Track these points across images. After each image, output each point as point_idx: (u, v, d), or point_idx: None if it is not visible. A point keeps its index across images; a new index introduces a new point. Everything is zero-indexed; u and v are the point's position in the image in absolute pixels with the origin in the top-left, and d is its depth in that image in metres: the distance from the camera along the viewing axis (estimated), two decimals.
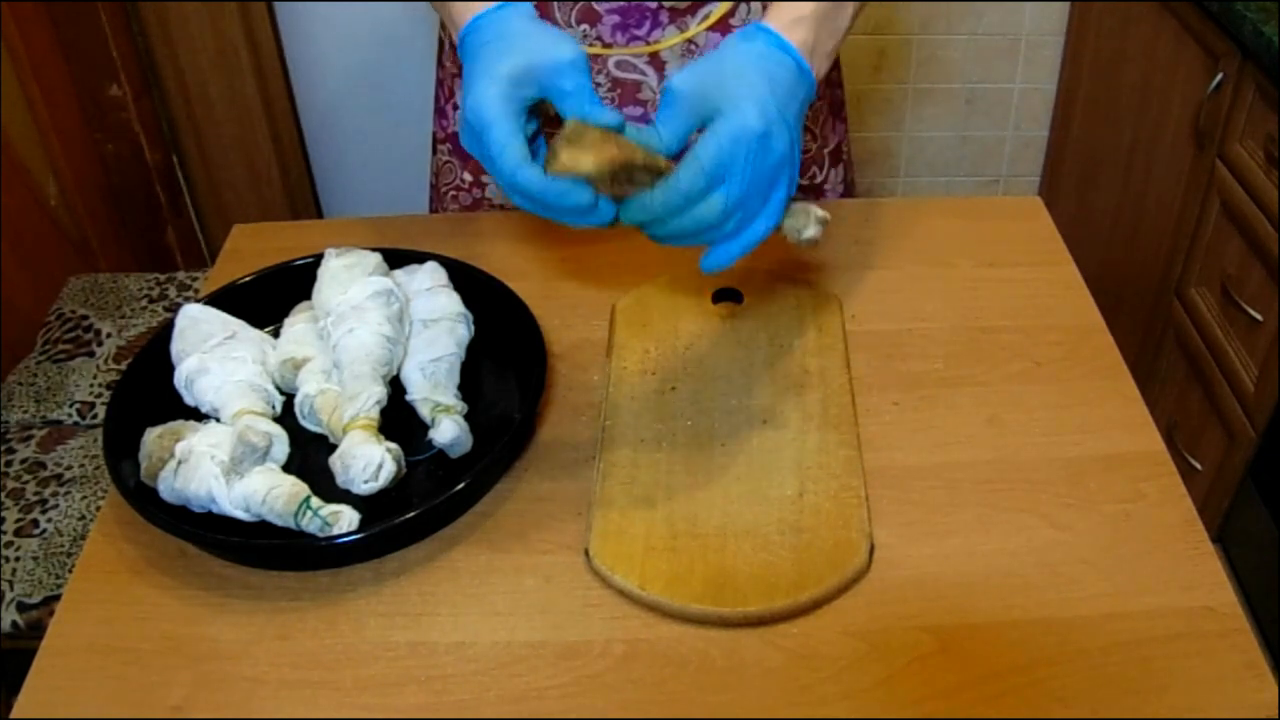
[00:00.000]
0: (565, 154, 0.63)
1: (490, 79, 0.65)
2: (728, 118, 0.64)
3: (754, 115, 0.63)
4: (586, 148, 0.64)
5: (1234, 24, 1.46)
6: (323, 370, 0.79)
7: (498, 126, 0.64)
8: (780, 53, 0.68)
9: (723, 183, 0.64)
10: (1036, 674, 0.63)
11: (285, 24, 2.09)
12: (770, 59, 0.68)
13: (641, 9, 0.92)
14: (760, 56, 0.68)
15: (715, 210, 0.64)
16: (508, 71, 0.65)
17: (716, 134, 0.63)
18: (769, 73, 0.67)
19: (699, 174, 0.63)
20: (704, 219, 0.64)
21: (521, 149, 0.64)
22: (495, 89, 0.65)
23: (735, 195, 0.64)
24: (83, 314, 1.61)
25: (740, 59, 0.67)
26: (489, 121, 0.65)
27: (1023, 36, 2.18)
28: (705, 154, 0.63)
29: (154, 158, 2.06)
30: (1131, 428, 0.79)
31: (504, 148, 0.64)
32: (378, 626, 0.68)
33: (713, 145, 0.63)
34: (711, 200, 0.64)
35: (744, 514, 0.72)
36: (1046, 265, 0.95)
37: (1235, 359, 1.53)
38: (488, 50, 0.68)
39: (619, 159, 0.63)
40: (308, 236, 1.02)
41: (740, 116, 0.63)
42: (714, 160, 0.63)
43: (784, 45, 0.69)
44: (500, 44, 0.67)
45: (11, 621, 1.22)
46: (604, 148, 0.64)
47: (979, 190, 2.43)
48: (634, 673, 0.65)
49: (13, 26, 1.70)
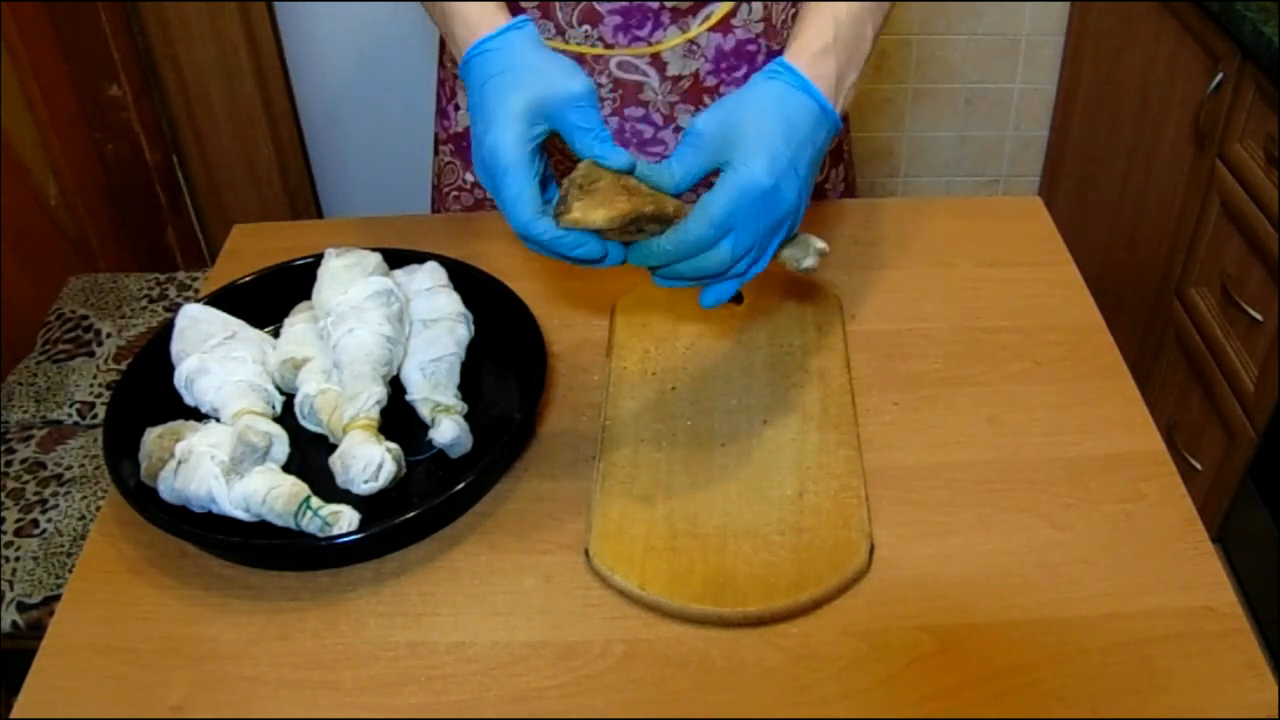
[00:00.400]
0: (577, 208, 0.64)
1: (506, 120, 0.66)
2: (738, 171, 0.65)
3: (763, 171, 0.65)
4: (598, 200, 0.65)
5: (1234, 24, 1.46)
6: (323, 370, 0.79)
7: (513, 175, 0.65)
8: (802, 95, 0.68)
9: (729, 233, 0.65)
10: (1036, 674, 0.63)
11: (285, 24, 2.09)
12: (790, 102, 0.68)
13: (643, 9, 0.92)
14: (780, 101, 0.68)
15: (722, 258, 0.66)
16: (522, 109, 0.66)
17: (726, 188, 0.65)
18: (787, 118, 0.67)
19: (708, 226, 0.64)
20: (709, 266, 0.66)
21: (535, 201, 0.66)
22: (512, 132, 0.65)
23: (742, 245, 0.66)
24: (83, 314, 1.61)
25: (761, 103, 0.68)
26: (505, 168, 0.65)
27: (1023, 36, 2.18)
28: (715, 208, 0.64)
29: (154, 158, 2.06)
30: (1131, 428, 0.79)
31: (518, 199, 0.65)
32: (378, 626, 0.68)
33: (722, 199, 0.64)
34: (719, 250, 0.65)
35: (744, 514, 0.72)
36: (1046, 265, 0.95)
37: (1235, 359, 1.53)
38: (498, 84, 0.68)
39: (629, 212, 0.65)
40: (308, 236, 1.02)
41: (750, 172, 0.65)
42: (723, 213, 0.64)
43: (806, 86, 0.69)
44: (510, 77, 0.67)
45: (11, 621, 1.22)
46: (615, 200, 0.65)
47: (979, 190, 2.43)
48: (634, 673, 0.65)
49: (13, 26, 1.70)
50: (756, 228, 0.65)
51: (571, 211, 0.64)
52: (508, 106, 0.66)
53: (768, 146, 0.65)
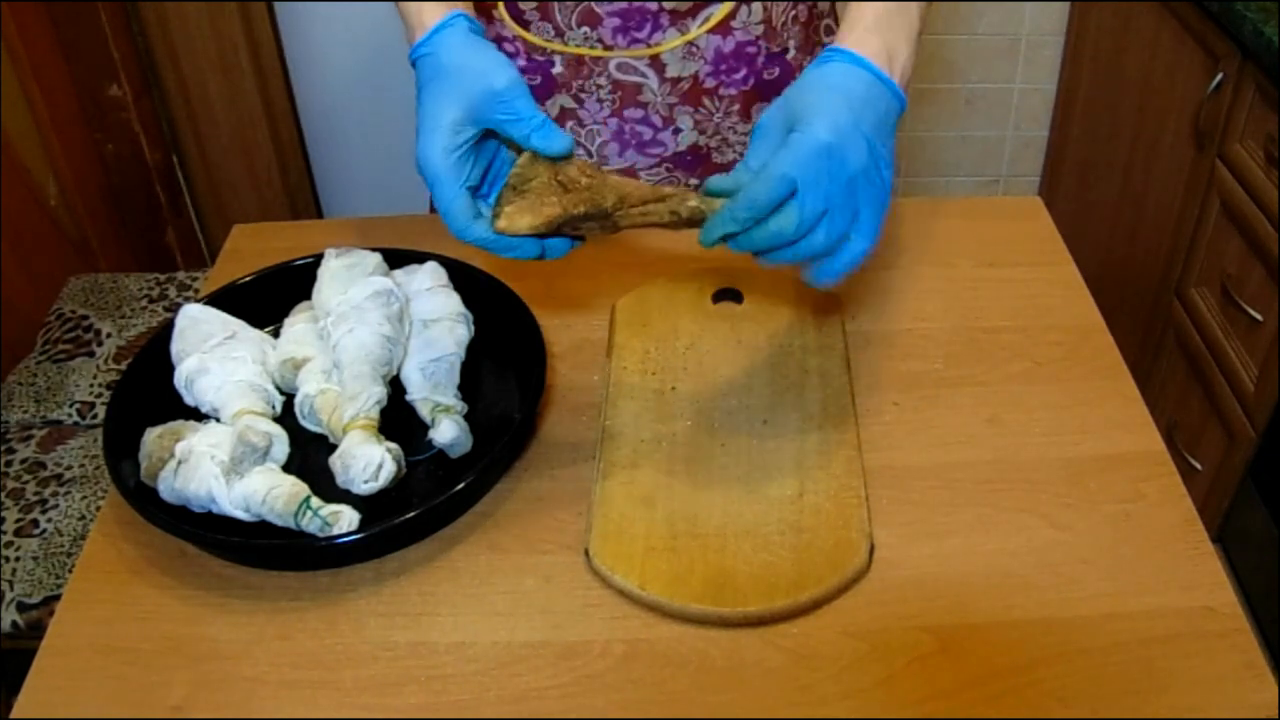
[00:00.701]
0: (505, 215, 0.65)
1: (431, 130, 0.67)
2: (800, 132, 0.64)
3: (822, 128, 0.64)
4: (528, 204, 0.65)
5: (1234, 24, 1.46)
6: (323, 370, 0.79)
7: (441, 185, 0.67)
8: (855, 68, 0.68)
9: (794, 194, 0.64)
10: (1036, 674, 0.63)
11: (285, 24, 2.09)
12: (845, 75, 0.68)
13: (643, 11, 0.92)
14: (834, 76, 0.68)
15: (792, 221, 0.64)
16: (448, 121, 0.67)
17: (786, 146, 0.64)
18: (844, 88, 0.67)
19: (769, 182, 0.63)
20: (782, 231, 0.65)
21: (466, 208, 0.67)
22: (438, 141, 0.67)
23: (810, 206, 0.64)
24: (83, 314, 1.61)
25: (817, 83, 0.68)
26: (433, 179, 0.67)
27: (1023, 36, 2.18)
28: (776, 165, 0.64)
29: (154, 158, 2.06)
30: (1131, 428, 0.79)
31: (449, 206, 0.67)
32: (378, 626, 0.68)
33: (783, 156, 0.64)
34: (787, 212, 0.64)
35: (744, 514, 0.72)
36: (1046, 265, 0.95)
37: (1235, 359, 1.53)
38: (428, 93, 0.69)
39: (558, 216, 0.65)
40: (308, 236, 1.02)
41: (809, 130, 0.64)
42: (782, 168, 0.63)
43: (858, 60, 0.69)
44: (437, 84, 0.69)
45: (11, 621, 1.22)
46: (545, 203, 0.65)
47: (979, 190, 2.43)
48: (634, 673, 0.65)
49: (13, 26, 1.70)
50: (825, 187, 0.64)
51: (499, 219, 0.66)
52: (435, 115, 0.67)
53: (826, 110, 0.65)
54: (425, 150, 0.67)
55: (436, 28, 0.71)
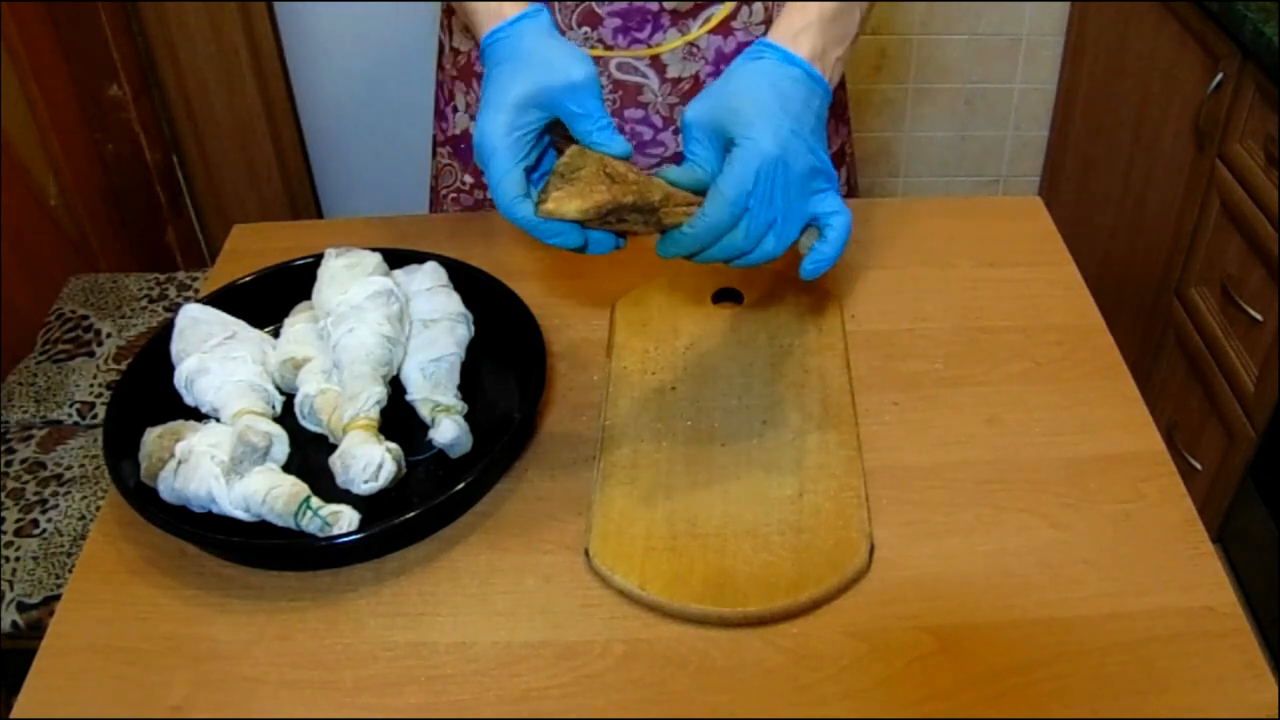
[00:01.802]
0: (553, 199, 0.65)
1: (496, 107, 0.67)
2: (744, 146, 0.65)
3: (769, 140, 0.65)
4: (577, 190, 0.65)
5: (1234, 24, 1.46)
6: (323, 370, 0.79)
7: (497, 159, 0.66)
8: (788, 66, 0.69)
9: (747, 211, 0.65)
10: (1036, 674, 0.63)
11: (285, 24, 2.09)
12: (779, 75, 0.68)
13: (643, 11, 0.92)
14: (768, 74, 0.68)
15: (740, 235, 0.66)
16: (514, 99, 0.67)
17: (734, 166, 0.65)
18: (780, 90, 0.68)
19: (725, 206, 0.65)
20: (733, 244, 0.66)
21: (518, 185, 0.67)
22: (501, 118, 0.67)
23: (759, 219, 0.66)
24: (83, 314, 1.61)
25: (750, 79, 0.68)
26: (490, 152, 0.67)
27: (1023, 36, 2.18)
28: (728, 187, 0.65)
29: (154, 158, 2.06)
30: (1131, 428, 0.79)
31: (501, 181, 0.67)
32: (378, 626, 0.68)
33: (733, 178, 0.65)
34: (737, 229, 0.66)
35: (744, 514, 0.72)
36: (1046, 265, 0.95)
37: (1235, 359, 1.53)
38: (499, 72, 0.69)
39: (606, 203, 0.65)
40: (308, 236, 1.02)
41: (754, 144, 0.65)
42: (736, 191, 0.65)
43: (791, 58, 0.69)
44: (511, 65, 0.68)
45: (11, 621, 1.22)
46: (594, 190, 0.65)
47: (979, 190, 2.43)
48: (634, 673, 0.65)
49: (13, 26, 1.70)
50: (773, 198, 0.65)
51: (547, 202, 0.65)
52: (502, 94, 0.67)
53: (768, 117, 0.66)
54: (486, 124, 0.67)
55: (518, 17, 0.71)
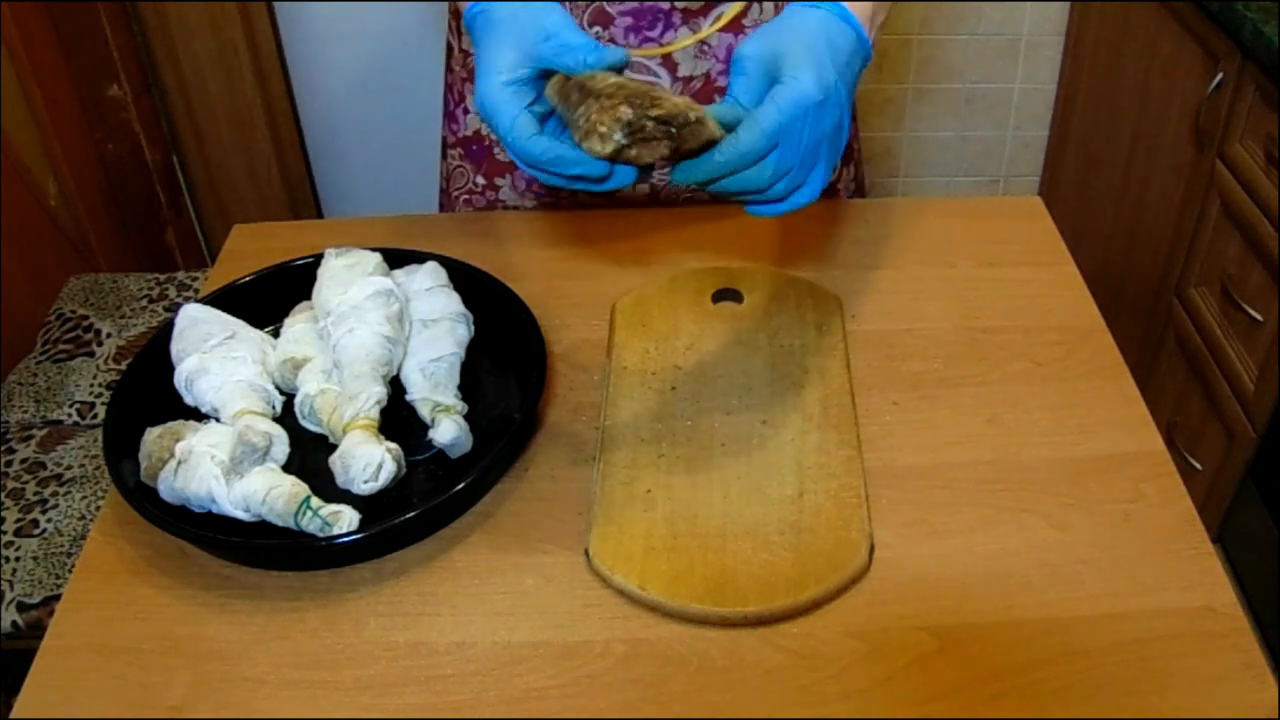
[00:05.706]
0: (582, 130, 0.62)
1: (486, 71, 0.68)
2: (788, 84, 0.65)
3: (813, 84, 0.65)
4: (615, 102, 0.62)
5: (1234, 24, 1.46)
6: (323, 370, 0.79)
7: (500, 111, 0.66)
8: (841, 22, 0.69)
9: (776, 148, 0.65)
10: (1036, 674, 0.63)
11: (285, 24, 2.09)
12: (832, 27, 0.69)
13: (654, 10, 0.92)
14: (823, 24, 0.69)
15: (765, 174, 0.66)
16: (504, 62, 0.67)
17: (777, 99, 0.65)
18: (831, 40, 0.68)
19: (760, 137, 0.64)
20: (753, 180, 0.66)
21: (529, 125, 0.66)
22: (494, 79, 0.67)
23: (787, 161, 0.66)
24: (83, 314, 1.61)
25: (805, 26, 0.68)
26: (492, 108, 0.67)
27: (1023, 36, 2.18)
28: (767, 120, 0.64)
29: (154, 158, 2.06)
30: (1131, 428, 0.79)
31: (511, 123, 0.66)
32: (378, 626, 0.68)
33: (773, 111, 0.65)
34: (762, 166, 0.66)
35: (744, 514, 0.72)
36: (1046, 265, 0.95)
37: (1235, 359, 1.53)
38: (483, 44, 0.69)
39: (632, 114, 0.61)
40: (308, 236, 1.02)
41: (800, 85, 0.65)
42: (774, 124, 0.64)
43: (845, 15, 0.70)
44: (491, 34, 0.69)
45: (11, 621, 1.22)
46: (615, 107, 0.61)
47: (979, 190, 2.43)
48: (634, 673, 0.65)
49: (13, 26, 1.70)
50: (801, 142, 0.65)
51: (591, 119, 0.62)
52: (491, 60, 0.68)
53: (815, 62, 0.66)
54: (482, 89, 0.67)
55: None
